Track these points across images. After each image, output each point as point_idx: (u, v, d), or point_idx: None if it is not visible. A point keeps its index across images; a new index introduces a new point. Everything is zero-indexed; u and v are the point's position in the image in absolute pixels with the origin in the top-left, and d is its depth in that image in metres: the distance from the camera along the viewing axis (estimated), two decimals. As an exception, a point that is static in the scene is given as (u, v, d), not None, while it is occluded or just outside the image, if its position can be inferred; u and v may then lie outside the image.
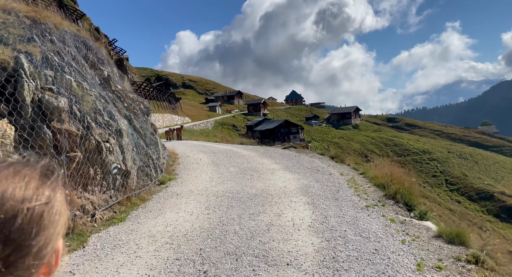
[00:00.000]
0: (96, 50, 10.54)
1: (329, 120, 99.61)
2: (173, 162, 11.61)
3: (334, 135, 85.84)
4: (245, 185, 8.48)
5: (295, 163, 11.58)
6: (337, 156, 13.06)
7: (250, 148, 16.02)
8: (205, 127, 68.99)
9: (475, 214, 54.58)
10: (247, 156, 13.20)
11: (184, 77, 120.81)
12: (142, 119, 10.72)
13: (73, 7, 60.47)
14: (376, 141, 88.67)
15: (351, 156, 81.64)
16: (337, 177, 9.46)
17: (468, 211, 55.44)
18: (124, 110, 9.31)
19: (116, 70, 12.85)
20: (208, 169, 10.68)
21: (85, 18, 66.11)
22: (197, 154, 14.03)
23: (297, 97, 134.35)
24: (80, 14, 61.73)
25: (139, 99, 11.36)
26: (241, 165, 11.24)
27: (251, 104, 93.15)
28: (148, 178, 8.10)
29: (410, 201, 7.32)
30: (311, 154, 14.03)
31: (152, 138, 10.37)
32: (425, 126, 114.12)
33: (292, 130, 74.26)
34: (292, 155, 13.33)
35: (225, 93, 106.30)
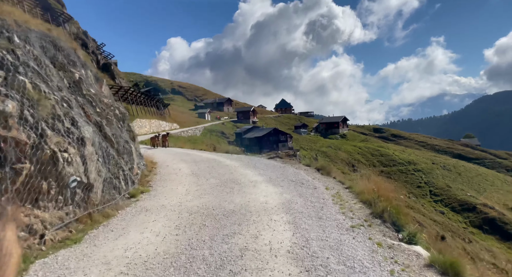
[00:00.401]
0: (68, 51, 9.79)
1: (317, 130, 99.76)
2: (149, 172, 10.84)
3: (322, 144, 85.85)
4: (224, 200, 7.79)
5: (279, 174, 10.96)
6: (323, 168, 12.50)
7: (234, 157, 15.35)
8: (194, 134, 68.00)
9: (458, 225, 54.80)
10: (230, 166, 12.52)
11: (173, 83, 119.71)
12: (117, 126, 9.97)
13: (60, 10, 59.31)
14: (363, 150, 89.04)
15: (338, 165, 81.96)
16: (322, 191, 8.86)
17: (451, 222, 55.64)
18: (94, 116, 8.55)
19: (92, 73, 12.09)
20: (186, 180, 9.96)
21: (72, 21, 64.88)
22: (178, 163, 13.27)
23: (287, 106, 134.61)
24: (67, 17, 60.51)
25: (115, 105, 10.61)
26: (222, 176, 10.54)
27: (240, 112, 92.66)
28: (116, 191, 7.34)
29: (398, 220, 6.76)
30: (297, 164, 13.44)
31: (126, 146, 9.61)
32: (411, 138, 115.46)
33: (281, 139, 73.91)
34: (277, 166, 12.72)
35: (215, 100, 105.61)
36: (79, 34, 65.74)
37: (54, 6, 59.46)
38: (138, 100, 60.49)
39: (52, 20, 55.61)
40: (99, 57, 66.46)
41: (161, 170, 11.60)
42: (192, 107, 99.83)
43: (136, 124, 52.89)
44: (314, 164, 13.35)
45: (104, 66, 66.37)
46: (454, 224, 54.61)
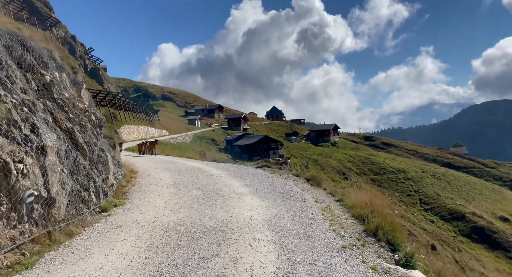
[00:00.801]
0: (41, 52, 9.11)
1: (308, 137, 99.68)
2: (127, 183, 10.12)
3: (313, 152, 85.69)
4: (204, 214, 7.14)
5: (267, 185, 10.36)
6: (313, 178, 11.95)
7: (221, 166, 14.70)
8: (183, 141, 67.06)
9: (448, 234, 54.83)
10: (215, 176, 11.87)
11: (164, 89, 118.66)
12: (92, 133, 9.27)
13: (47, 14, 58.25)
14: (354, 158, 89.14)
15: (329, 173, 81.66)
16: (311, 204, 8.28)
17: (441, 230, 55.65)
18: (65, 122, 7.86)
19: (70, 77, 11.40)
20: (166, 192, 9.27)
21: (60, 25, 63.80)
22: (160, 173, 12.57)
23: (278, 113, 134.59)
24: (55, 21, 59.45)
25: (91, 110, 9.92)
26: (205, 187, 9.89)
27: (231, 119, 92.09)
28: (84, 205, 6.63)
29: (393, 238, 6.21)
30: (286, 174, 12.86)
31: (101, 155, 8.91)
32: (401, 146, 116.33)
33: (272, 146, 73.42)
34: (264, 176, 12.12)
35: (206, 107, 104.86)
36: (67, 38, 64.69)
37: (42, 10, 58.45)
38: (126, 106, 59.46)
39: (39, 24, 54.61)
40: (87, 62, 65.41)
41: (141, 180, 10.88)
42: (182, 113, 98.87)
43: (124, 130, 51.86)
44: (303, 174, 12.80)
45: (92, 71, 65.31)
46: (444, 232, 54.61)
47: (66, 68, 12.55)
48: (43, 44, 34.22)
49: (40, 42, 10.88)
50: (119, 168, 10.69)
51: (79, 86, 13.10)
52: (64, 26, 67.22)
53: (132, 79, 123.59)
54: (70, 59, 57.14)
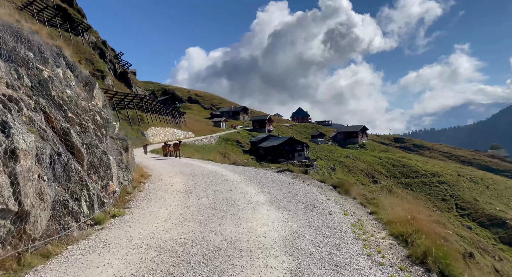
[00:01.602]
0: (42, 47, 8.38)
1: (335, 139, 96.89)
2: (133, 189, 9.19)
3: (340, 154, 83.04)
4: (210, 230, 6.01)
5: (287, 193, 9.09)
6: (341, 185, 10.53)
7: (239, 170, 13.57)
8: (208, 143, 66.89)
9: (487, 241, 50.90)
10: (231, 181, 10.75)
11: (190, 92, 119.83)
12: (94, 134, 8.42)
13: (79, 20, 60.00)
14: (384, 161, 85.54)
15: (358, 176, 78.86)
16: (339, 218, 6.93)
17: (479, 238, 51.69)
18: (60, 122, 7.02)
19: (78, 74, 10.70)
20: (173, 200, 8.24)
21: (92, 30, 65.61)
22: (173, 177, 11.62)
23: (303, 115, 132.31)
24: (86, 26, 61.14)
25: (96, 109, 9.09)
26: (218, 195, 8.78)
27: (256, 121, 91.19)
28: (72, 218, 5.70)
29: (448, 269, 4.78)
30: (309, 180, 11.52)
31: (103, 158, 8.02)
32: (434, 148, 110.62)
33: (297, 148, 71.65)
34: (285, 182, 10.84)
35: (231, 109, 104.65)
36: (98, 43, 66.40)
37: (74, 16, 60.32)
38: (153, 109, 60.08)
39: (71, 30, 56.35)
40: (116, 66, 66.79)
41: (150, 185, 9.94)
42: (208, 115, 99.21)
43: (150, 132, 52.21)
44: (329, 180, 11.39)
45: (121, 75, 66.60)
46: (482, 240, 50.72)
47: (77, 67, 11.92)
48: (70, 47, 34.40)
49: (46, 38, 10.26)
50: (127, 172, 9.82)
51: (92, 86, 12.45)
52: (95, 32, 69.16)
53: (161, 83, 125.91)
54: (100, 63, 58.53)
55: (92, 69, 54.21)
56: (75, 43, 55.88)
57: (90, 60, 55.44)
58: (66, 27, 54.87)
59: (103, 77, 55.47)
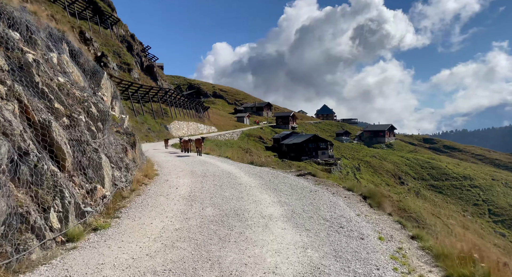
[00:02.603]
0: (32, 26, 7.26)
1: (361, 138, 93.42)
2: (131, 192, 7.98)
3: (366, 153, 79.86)
4: (206, 257, 4.64)
5: (308, 204, 7.58)
6: (372, 196, 8.87)
7: (256, 171, 12.14)
8: (231, 138, 66.00)
9: (522, 251, 47.02)
10: (244, 186, 9.35)
11: (215, 87, 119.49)
12: (86, 128, 7.25)
13: (109, 13, 60.46)
14: (412, 162, 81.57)
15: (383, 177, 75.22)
16: (373, 245, 5.37)
17: (514, 246, 47.86)
18: (42, 113, 5.86)
19: (68, 59, 9.60)
20: (173, 209, 6.95)
21: (120, 24, 66.03)
22: (181, 178, 10.37)
23: (329, 112, 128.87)
24: (115, 20, 61.54)
25: (92, 100, 7.93)
26: (226, 203, 7.42)
27: (280, 117, 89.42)
28: (33, 235, 4.51)
29: None
30: (334, 187, 9.91)
31: (94, 157, 6.83)
32: (466, 150, 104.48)
33: (321, 146, 69.33)
34: (306, 189, 9.30)
35: (254, 104, 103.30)
36: (126, 36, 66.84)
37: (104, 9, 60.86)
38: (177, 103, 59.81)
39: (101, 23, 56.87)
40: (143, 59, 67.06)
41: (151, 188, 8.72)
42: (231, 110, 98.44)
43: (173, 126, 51.84)
44: (358, 188, 9.73)
45: (147, 68, 66.81)
46: (517, 249, 46.92)
47: (82, 54, 10.86)
48: (99, 40, 33.96)
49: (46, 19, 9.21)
50: (127, 172, 8.64)
51: (99, 75, 11.39)
52: (124, 25, 69.71)
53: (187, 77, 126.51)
54: (127, 56, 58.76)
55: (119, 62, 54.42)
56: (104, 36, 56.33)
57: (117, 53, 55.70)
58: (96, 20, 55.39)
59: (130, 70, 55.63)
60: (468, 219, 60.25)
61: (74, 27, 47.51)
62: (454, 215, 58.75)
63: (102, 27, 56.96)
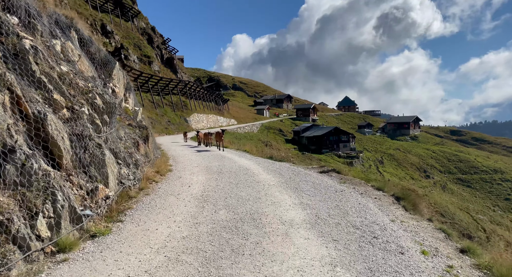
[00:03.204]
0: (35, 10, 6.65)
1: (384, 130, 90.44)
2: (139, 191, 7.33)
3: (389, 146, 77.21)
4: (215, 276, 3.88)
5: (334, 207, 6.69)
6: (405, 197, 7.84)
7: (275, 167, 11.30)
8: (250, 131, 65.34)
9: (558, 249, 44.02)
10: (262, 184, 8.54)
11: (235, 79, 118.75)
12: (90, 121, 6.62)
13: (129, 5, 60.60)
14: (438, 155, 78.29)
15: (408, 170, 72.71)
16: (416, 262, 4.43)
17: (549, 245, 44.89)
18: (37, 105, 5.24)
19: (73, 46, 8.99)
20: (183, 211, 6.24)
21: (141, 16, 66.11)
22: (196, 174, 9.68)
23: (350, 104, 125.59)
24: (136, 12, 61.65)
25: (98, 90, 7.29)
26: (242, 205, 6.64)
27: (300, 109, 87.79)
28: (15, 246, 3.90)
29: None
30: (362, 186, 8.92)
31: (97, 153, 6.19)
32: (497, 142, 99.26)
33: (343, 139, 67.47)
34: (331, 188, 8.38)
35: (274, 97, 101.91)
36: (147, 29, 66.97)
37: (125, 2, 61.07)
38: (197, 95, 59.60)
39: (122, 15, 57.09)
40: (163, 51, 67.09)
41: (162, 186, 8.07)
42: (251, 103, 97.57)
43: (193, 118, 51.65)
44: (389, 188, 8.70)
45: (168, 61, 66.85)
46: (552, 248, 43.94)
47: (93, 43, 10.28)
48: (120, 32, 33.37)
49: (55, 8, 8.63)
50: (136, 169, 8.01)
51: (111, 65, 10.80)
52: (145, 18, 69.84)
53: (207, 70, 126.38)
54: (147, 49, 58.84)
55: (140, 54, 54.56)
56: (125, 28, 56.57)
57: (138, 45, 55.85)
58: (117, 13, 55.62)
59: (150, 63, 55.71)
60: (498, 214, 57.27)
61: (96, 19, 47.88)
62: (484, 210, 55.91)
63: (123, 19, 57.16)
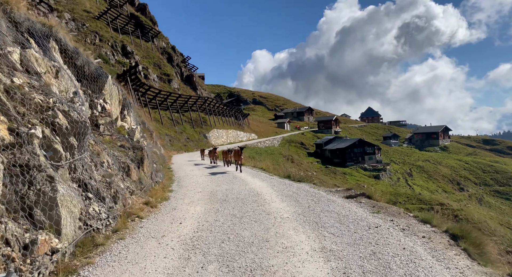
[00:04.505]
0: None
1: (411, 141, 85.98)
2: (110, 235, 5.64)
3: (418, 157, 72.90)
4: None
5: (369, 257, 4.75)
6: (466, 235, 5.75)
7: (291, 191, 9.40)
8: (271, 145, 63.53)
9: None
10: (273, 216, 6.72)
11: (255, 94, 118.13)
12: (40, 146, 5.12)
13: (149, 26, 61.49)
14: (471, 166, 73.04)
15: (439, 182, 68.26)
16: None
17: None
18: None
19: (38, 55, 7.68)
20: (156, 269, 4.51)
21: (161, 36, 67.05)
22: (194, 204, 7.98)
23: (374, 115, 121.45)
24: (156, 32, 62.51)
25: (63, 107, 5.81)
26: (242, 255, 4.85)
27: (321, 121, 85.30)
28: None
29: None
30: (402, 218, 6.88)
31: (46, 190, 4.64)
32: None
33: (368, 151, 64.24)
34: (362, 223, 6.41)
35: (295, 110, 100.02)
36: (167, 48, 67.78)
37: (145, 23, 62.16)
38: (216, 111, 58.87)
39: (142, 36, 57.96)
40: (183, 69, 67.43)
41: (146, 224, 6.38)
42: (272, 117, 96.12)
43: (212, 134, 50.58)
44: (439, 220, 6.60)
45: (187, 78, 67.03)
46: None
47: (81, 55, 9.00)
48: (140, 52, 32.50)
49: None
50: (115, 202, 6.40)
51: (102, 79, 9.49)
52: (165, 38, 70.95)
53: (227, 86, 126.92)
54: (167, 67, 59.12)
55: (159, 73, 54.75)
56: (145, 48, 57.26)
57: (157, 64, 56.20)
58: (138, 34, 56.51)
59: (169, 80, 55.76)
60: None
61: (117, 41, 48.55)
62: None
63: (144, 40, 57.98)
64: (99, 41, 45.44)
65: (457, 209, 46.20)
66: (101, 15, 49.10)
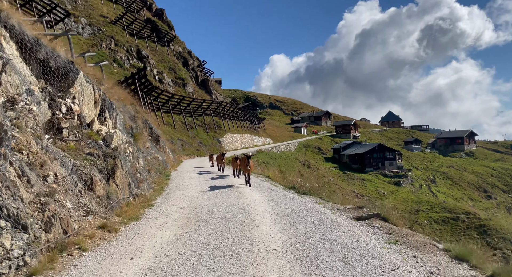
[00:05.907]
0: None
1: (434, 146, 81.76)
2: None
3: (442, 163, 68.92)
4: None
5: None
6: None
7: (290, 210, 7.72)
8: (287, 150, 61.59)
9: None
10: (257, 248, 5.11)
11: (271, 98, 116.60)
12: None
13: (165, 31, 61.27)
14: (499, 172, 68.35)
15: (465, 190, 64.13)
16: None
17: None
18: None
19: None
20: None
21: (177, 40, 66.80)
22: (164, 228, 6.46)
23: (394, 119, 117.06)
24: (171, 37, 62.23)
25: None
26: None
27: (339, 126, 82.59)
28: None
29: None
30: (428, 251, 5.11)
31: None
32: None
33: (388, 156, 61.16)
34: (374, 261, 4.69)
35: (312, 114, 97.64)
36: (183, 53, 67.45)
37: (161, 28, 62.08)
38: (231, 115, 57.68)
39: (158, 40, 57.80)
40: (198, 74, 66.83)
41: (82, 261, 4.82)
42: (288, 121, 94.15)
43: (226, 139, 49.26)
44: (482, 261, 4.80)
45: (202, 82, 66.35)
46: None
47: (44, 46, 7.76)
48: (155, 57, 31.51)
49: None
50: (46, 231, 4.97)
51: (71, 76, 8.22)
52: (182, 42, 70.83)
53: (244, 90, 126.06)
54: (182, 72, 58.56)
55: (174, 77, 54.19)
56: (160, 53, 57.02)
57: (172, 68, 55.73)
58: (154, 38, 56.39)
59: (184, 85, 55.10)
60: None
61: (132, 45, 48.37)
62: None
63: (159, 44, 57.79)
64: (114, 46, 45.33)
65: (484, 218, 42.65)
66: (117, 20, 49.13)
